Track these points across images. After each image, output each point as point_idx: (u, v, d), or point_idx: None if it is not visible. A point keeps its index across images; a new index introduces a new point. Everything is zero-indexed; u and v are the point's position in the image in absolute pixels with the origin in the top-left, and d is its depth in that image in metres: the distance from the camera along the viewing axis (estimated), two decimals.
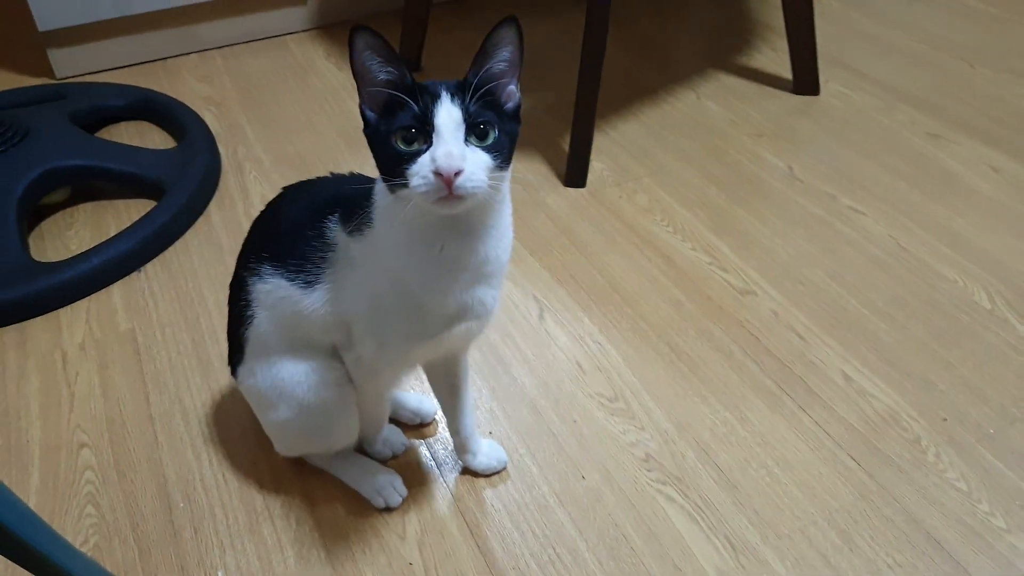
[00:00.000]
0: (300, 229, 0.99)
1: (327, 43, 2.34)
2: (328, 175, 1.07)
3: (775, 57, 2.24)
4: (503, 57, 0.85)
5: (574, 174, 1.78)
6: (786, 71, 2.13)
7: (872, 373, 1.36)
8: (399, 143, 0.82)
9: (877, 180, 1.79)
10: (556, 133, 1.94)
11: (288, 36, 2.39)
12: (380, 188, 0.92)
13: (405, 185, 0.82)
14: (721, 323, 1.45)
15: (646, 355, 1.40)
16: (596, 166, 1.85)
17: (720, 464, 1.22)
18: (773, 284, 1.53)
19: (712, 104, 2.07)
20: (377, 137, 0.85)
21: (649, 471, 1.21)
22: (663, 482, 1.20)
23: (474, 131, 0.83)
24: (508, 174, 0.88)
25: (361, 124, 0.87)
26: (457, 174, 0.79)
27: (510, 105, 0.88)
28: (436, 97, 0.82)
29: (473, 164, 0.81)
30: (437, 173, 0.79)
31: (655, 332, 1.44)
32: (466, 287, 0.93)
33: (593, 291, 1.53)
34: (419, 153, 0.81)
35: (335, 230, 0.97)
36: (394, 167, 0.83)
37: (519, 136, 0.88)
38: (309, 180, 1.08)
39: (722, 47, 2.33)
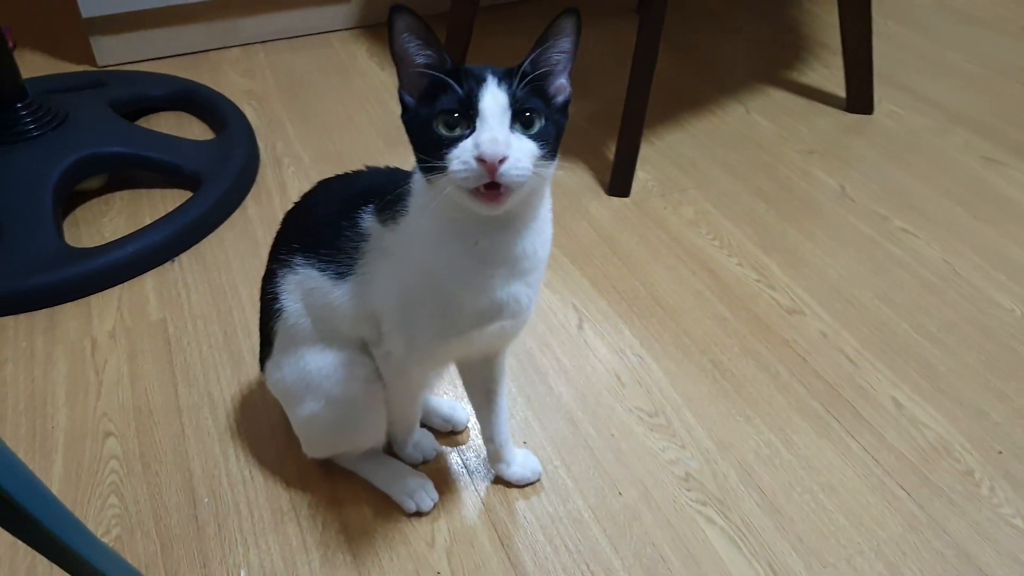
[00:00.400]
0: (333, 219, 0.96)
1: (370, 42, 2.32)
2: (363, 168, 1.04)
3: (827, 74, 2.20)
4: (561, 48, 0.81)
5: (618, 183, 1.74)
6: (838, 88, 2.09)
7: (924, 400, 1.30)
8: (440, 127, 0.79)
9: (930, 202, 1.73)
10: (600, 142, 1.91)
11: (332, 34, 2.37)
12: (417, 178, 0.89)
13: (443, 170, 0.78)
14: (767, 342, 1.40)
15: (688, 371, 1.35)
16: (641, 176, 1.80)
17: (763, 487, 1.17)
18: (822, 304, 1.48)
19: (761, 118, 2.02)
20: (416, 122, 0.82)
21: (689, 490, 1.17)
22: (703, 503, 1.15)
23: (520, 118, 0.79)
24: (552, 168, 0.84)
25: (401, 115, 0.84)
26: (501, 161, 0.75)
27: (560, 99, 0.84)
28: (481, 81, 0.79)
29: (518, 151, 0.77)
30: (480, 159, 0.75)
31: (698, 348, 1.39)
32: (501, 284, 0.88)
33: (635, 303, 1.48)
34: (461, 138, 0.78)
35: (369, 220, 0.94)
36: (433, 151, 0.79)
37: (564, 133, 0.85)
38: (345, 173, 1.04)
39: (773, 62, 2.29)
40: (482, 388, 1.11)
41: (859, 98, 2.02)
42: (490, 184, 0.77)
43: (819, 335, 1.42)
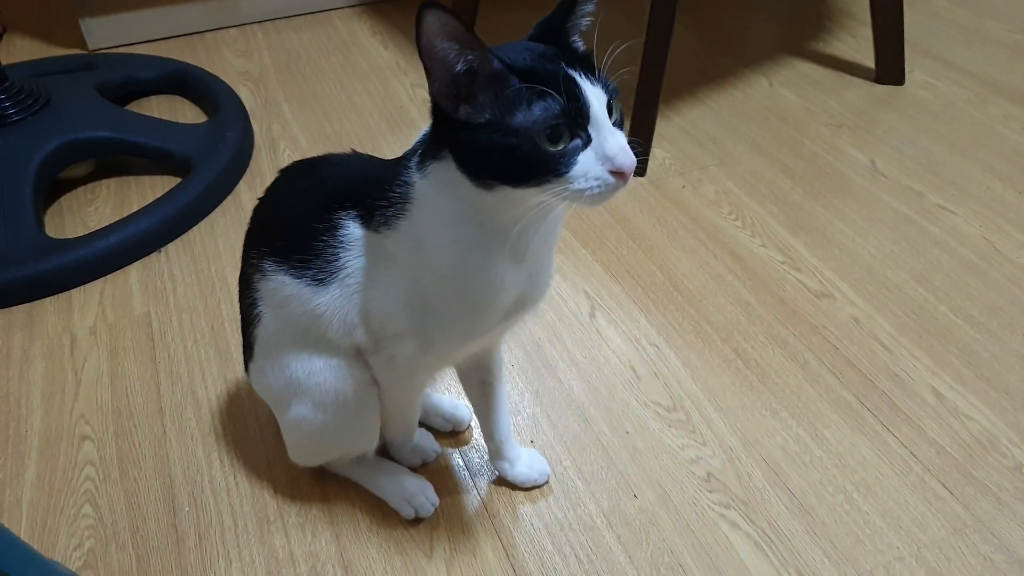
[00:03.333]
0: (305, 222, 0.86)
1: (373, 20, 2.22)
2: (327, 155, 0.92)
3: (855, 44, 2.07)
4: (587, 11, 0.74)
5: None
6: (867, 59, 1.97)
7: (966, 390, 1.20)
8: (545, 143, 0.67)
9: (968, 177, 1.61)
10: None
11: (333, 12, 2.27)
12: (431, 180, 0.77)
13: (547, 188, 0.69)
14: (795, 329, 1.30)
15: (710, 361, 1.25)
16: (658, 154, 1.70)
17: (792, 487, 1.08)
18: (853, 287, 1.37)
19: (786, 92, 1.91)
20: (494, 141, 0.69)
21: (711, 492, 1.07)
22: (726, 505, 1.06)
23: (608, 110, 0.70)
24: None
25: (440, 130, 0.74)
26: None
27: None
28: (570, 81, 0.68)
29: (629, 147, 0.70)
30: (617, 172, 0.68)
31: (720, 336, 1.29)
32: (529, 276, 0.82)
33: (651, 288, 1.38)
34: (574, 151, 0.68)
35: (354, 227, 0.83)
36: (540, 170, 0.68)
37: None
38: (310, 160, 0.92)
39: (797, 33, 2.17)
40: (477, 380, 1.03)
41: (889, 68, 1.90)
42: None
43: (851, 320, 1.31)
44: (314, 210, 0.86)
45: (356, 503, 1.06)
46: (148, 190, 1.62)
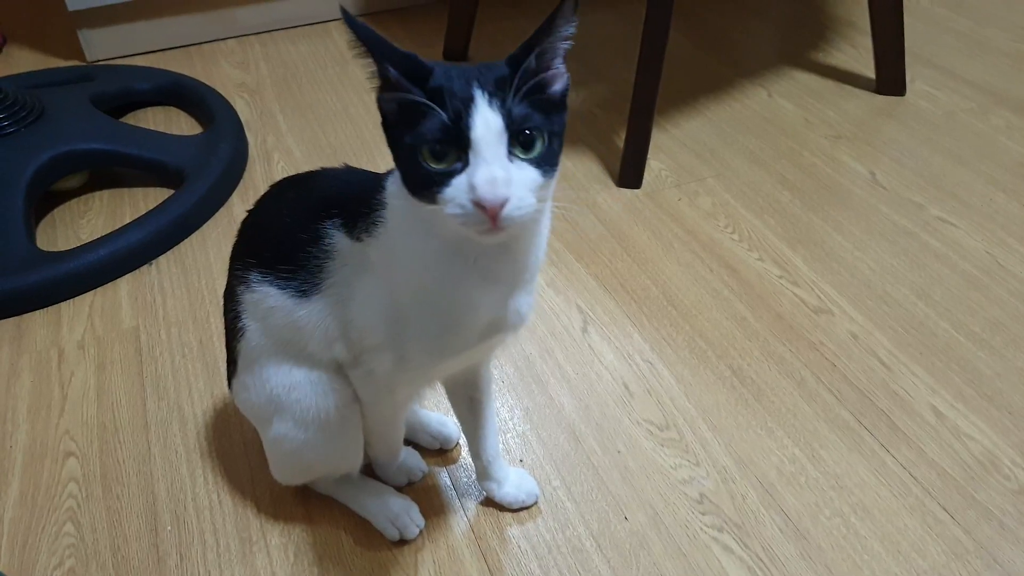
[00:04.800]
0: (291, 232, 0.85)
1: None
2: (319, 169, 0.92)
3: (855, 54, 2.05)
4: (566, 33, 0.69)
5: (629, 173, 1.62)
6: (867, 69, 1.94)
7: (967, 409, 1.17)
8: (427, 160, 0.66)
9: (971, 189, 1.59)
10: (610, 129, 1.78)
11: (331, 23, 2.26)
12: (395, 187, 0.77)
13: (432, 204, 0.68)
14: (792, 345, 1.28)
15: (704, 378, 1.23)
16: (654, 165, 1.68)
17: (787, 509, 1.05)
18: (852, 302, 1.35)
19: (785, 102, 1.89)
20: (398, 145, 0.69)
21: (703, 514, 1.05)
22: (719, 528, 1.03)
23: (519, 140, 0.66)
24: (555, 179, 0.72)
25: (381, 123, 0.72)
26: (503, 204, 0.64)
27: (557, 87, 0.71)
28: (469, 100, 0.65)
29: (520, 186, 0.66)
30: (478, 204, 0.64)
31: (715, 352, 1.27)
32: (503, 299, 0.80)
33: (645, 303, 1.36)
34: (452, 173, 0.66)
35: (337, 235, 0.83)
36: (422, 187, 0.67)
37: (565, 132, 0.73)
38: (299, 176, 0.93)
39: (796, 42, 2.15)
40: (465, 397, 1.01)
41: (890, 78, 1.88)
42: None
43: (849, 336, 1.29)
44: (301, 221, 0.85)
45: (340, 524, 1.04)
46: (141, 202, 1.60)
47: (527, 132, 0.66)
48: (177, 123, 1.85)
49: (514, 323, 0.83)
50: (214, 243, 1.50)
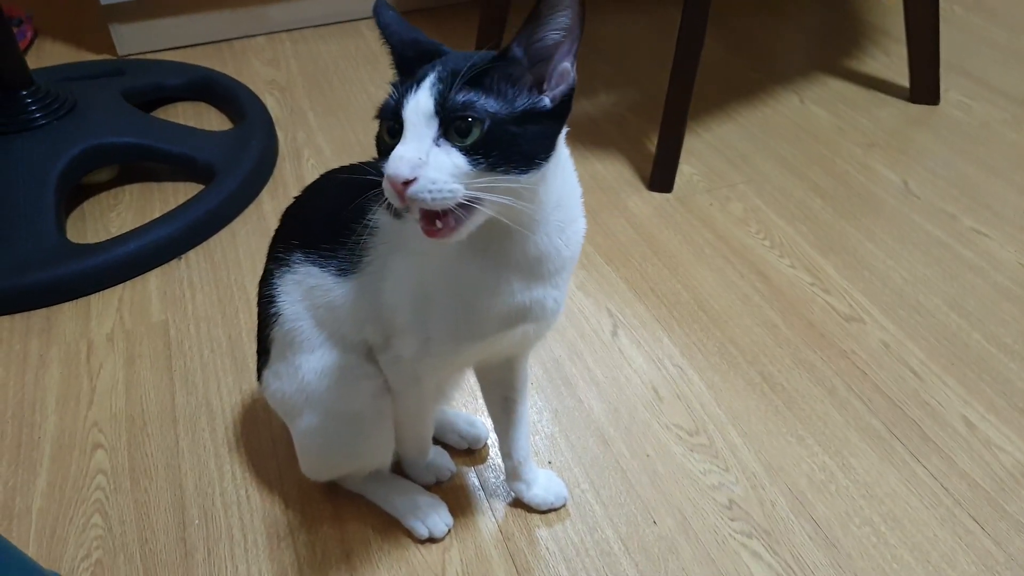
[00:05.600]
0: (337, 211, 0.86)
1: None
2: (373, 159, 0.92)
3: (888, 63, 2.03)
4: (556, 25, 0.67)
5: (660, 177, 1.61)
6: (901, 78, 1.93)
7: (999, 421, 1.16)
8: (383, 135, 0.71)
9: (1004, 200, 1.57)
10: (641, 132, 1.78)
11: (361, 21, 2.27)
12: None
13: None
14: (823, 353, 1.26)
15: (734, 384, 1.22)
16: (685, 170, 1.67)
17: (817, 517, 1.04)
18: (884, 311, 1.33)
19: (818, 109, 1.87)
20: None
21: (733, 520, 1.04)
22: (748, 534, 1.02)
23: (453, 126, 0.67)
24: (535, 176, 0.71)
25: None
26: (408, 183, 0.65)
27: (561, 88, 0.70)
28: (416, 83, 0.68)
29: (435, 170, 0.66)
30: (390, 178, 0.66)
31: (745, 358, 1.26)
32: (520, 288, 0.79)
33: (676, 308, 1.35)
34: (387, 151, 0.68)
35: (379, 212, 0.83)
36: (381, 162, 0.70)
37: (563, 129, 0.74)
38: (351, 164, 0.93)
39: (829, 49, 2.13)
40: (499, 396, 1.00)
41: (924, 87, 1.86)
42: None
43: (881, 345, 1.27)
44: (347, 200, 0.85)
45: (368, 521, 1.04)
46: (171, 196, 1.61)
47: (461, 119, 0.67)
48: (208, 119, 1.86)
49: (537, 315, 0.82)
50: (243, 239, 1.50)
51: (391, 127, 0.69)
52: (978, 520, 1.04)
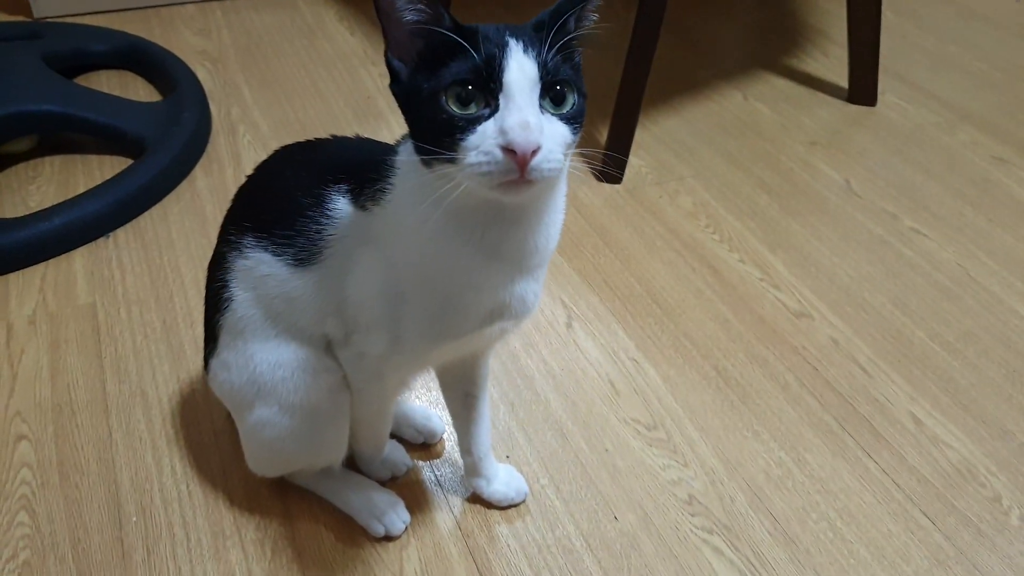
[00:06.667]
0: (294, 197, 0.81)
1: (340, 5, 2.14)
2: (329, 137, 0.88)
3: (827, 63, 2.06)
4: (595, 3, 0.67)
5: (610, 169, 1.60)
6: (839, 78, 1.96)
7: (944, 417, 1.18)
8: (451, 104, 0.63)
9: (940, 202, 1.61)
10: (590, 124, 1.76)
11: None
12: (406, 157, 0.74)
13: (453, 161, 0.63)
14: (775, 348, 1.27)
15: (690, 378, 1.21)
16: (634, 162, 1.66)
17: (775, 513, 1.04)
18: (832, 308, 1.35)
19: (761, 106, 1.89)
20: (415, 95, 0.66)
21: (693, 515, 1.03)
22: (709, 530, 1.01)
23: (550, 93, 0.64)
24: (574, 149, 0.69)
25: (390, 85, 0.70)
26: (534, 152, 0.61)
27: (578, 56, 0.69)
28: (502, 45, 0.63)
29: (551, 139, 0.63)
30: (508, 149, 0.61)
31: (700, 352, 1.25)
32: (507, 281, 0.75)
33: (629, 300, 1.34)
34: (478, 119, 0.63)
35: (342, 202, 0.79)
36: (442, 136, 0.63)
37: None
38: (307, 141, 0.89)
39: (771, 48, 2.15)
40: (460, 392, 0.97)
41: (862, 89, 1.89)
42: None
43: (830, 342, 1.29)
44: (305, 185, 0.81)
45: (320, 519, 0.99)
46: (96, 170, 1.51)
47: (559, 86, 0.64)
48: (134, 89, 1.76)
49: (517, 311, 0.79)
50: (176, 218, 1.42)
51: (465, 93, 0.63)
52: (928, 515, 1.05)
